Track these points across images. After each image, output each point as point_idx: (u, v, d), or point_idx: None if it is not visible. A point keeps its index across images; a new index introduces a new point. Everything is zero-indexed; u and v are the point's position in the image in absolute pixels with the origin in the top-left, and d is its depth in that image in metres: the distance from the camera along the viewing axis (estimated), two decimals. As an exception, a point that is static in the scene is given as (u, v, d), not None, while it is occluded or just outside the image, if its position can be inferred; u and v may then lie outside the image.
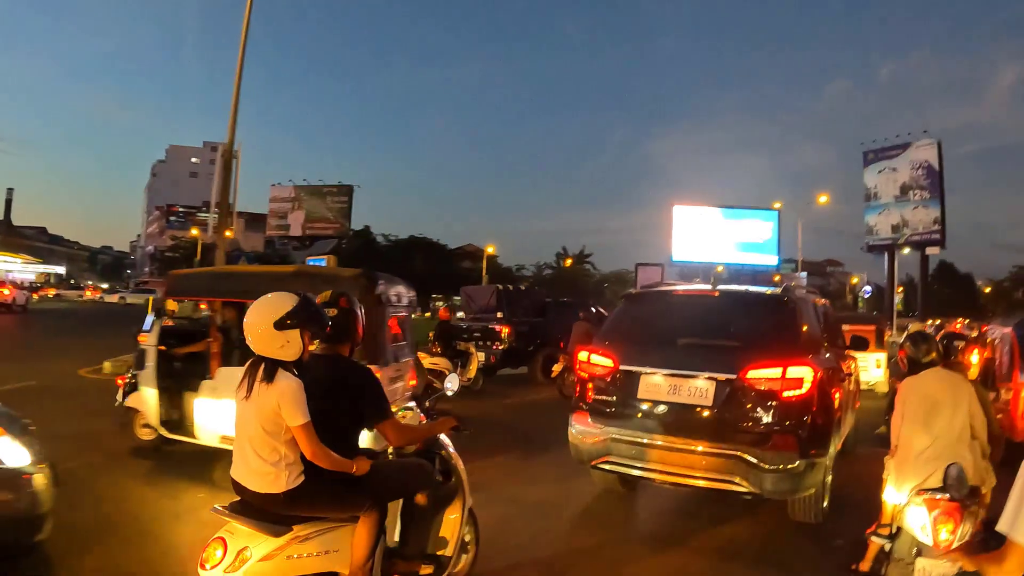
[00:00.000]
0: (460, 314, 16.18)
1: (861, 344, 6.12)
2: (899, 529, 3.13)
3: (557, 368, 11.20)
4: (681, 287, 5.42)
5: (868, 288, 56.59)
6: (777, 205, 49.66)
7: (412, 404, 3.39)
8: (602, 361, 4.76)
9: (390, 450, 3.15)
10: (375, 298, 5.12)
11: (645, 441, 4.47)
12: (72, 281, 68.72)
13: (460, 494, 3.22)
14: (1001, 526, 1.46)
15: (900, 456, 3.41)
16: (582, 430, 4.78)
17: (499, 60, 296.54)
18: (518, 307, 14.34)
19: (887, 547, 3.15)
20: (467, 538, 3.35)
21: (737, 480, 4.24)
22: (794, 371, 4.29)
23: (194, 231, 61.01)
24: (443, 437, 3.26)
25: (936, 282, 57.04)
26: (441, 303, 74.07)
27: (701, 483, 4.40)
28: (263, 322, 2.53)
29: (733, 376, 4.31)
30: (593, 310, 14.46)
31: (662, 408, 4.49)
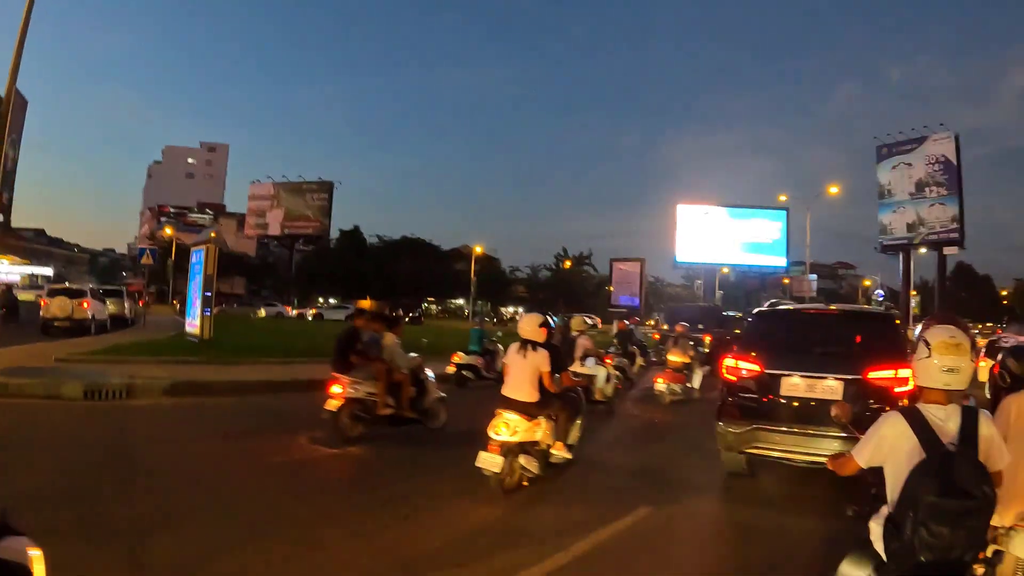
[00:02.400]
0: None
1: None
2: (996, 552, 3.06)
3: None
4: (802, 307, 7.22)
5: (881, 292, 58.90)
6: (783, 198, 50.83)
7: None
8: (749, 366, 6.47)
9: None
10: None
11: (787, 429, 6.17)
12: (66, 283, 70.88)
13: (583, 414, 6.59)
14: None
15: (1007, 479, 2.87)
16: (731, 423, 6.45)
17: (505, 61, 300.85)
18: (712, 319, 20.80)
19: (980, 571, 2.89)
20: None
21: (858, 458, 5.95)
22: (903, 372, 6.02)
23: (168, 230, 61.54)
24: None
25: (953, 284, 58.47)
26: (433, 304, 75.03)
27: (830, 461, 6.10)
28: (535, 323, 6.18)
29: (858, 376, 6.03)
30: None
31: (799, 403, 6.20)
